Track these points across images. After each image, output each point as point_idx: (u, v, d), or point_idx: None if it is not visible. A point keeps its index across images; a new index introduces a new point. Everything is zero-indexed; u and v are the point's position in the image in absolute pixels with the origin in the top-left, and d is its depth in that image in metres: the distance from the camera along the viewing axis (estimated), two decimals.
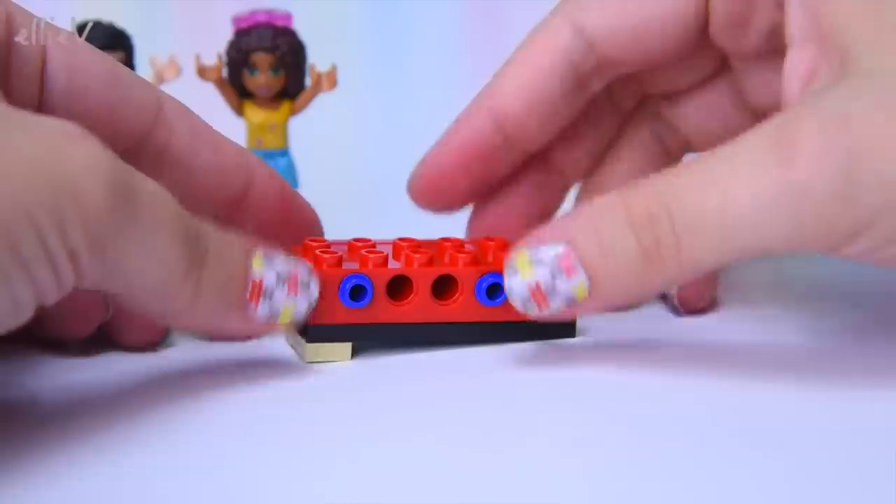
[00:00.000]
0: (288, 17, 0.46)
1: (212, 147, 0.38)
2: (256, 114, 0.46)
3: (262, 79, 0.45)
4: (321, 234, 0.40)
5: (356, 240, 0.38)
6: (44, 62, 0.35)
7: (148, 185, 0.31)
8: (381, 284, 0.36)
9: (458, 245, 0.38)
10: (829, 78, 0.33)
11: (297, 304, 0.34)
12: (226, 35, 0.46)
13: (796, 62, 0.35)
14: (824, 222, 0.31)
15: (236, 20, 0.46)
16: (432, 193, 0.41)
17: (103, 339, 0.37)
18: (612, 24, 0.38)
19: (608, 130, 0.42)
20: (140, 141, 0.36)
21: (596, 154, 0.42)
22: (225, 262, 0.33)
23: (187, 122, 0.37)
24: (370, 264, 0.37)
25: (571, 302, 0.34)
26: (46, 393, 0.35)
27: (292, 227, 0.39)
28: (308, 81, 0.46)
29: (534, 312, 0.34)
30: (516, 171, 0.42)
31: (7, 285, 0.28)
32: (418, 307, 0.37)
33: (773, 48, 0.37)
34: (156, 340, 0.37)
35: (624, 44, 0.38)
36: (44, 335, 0.37)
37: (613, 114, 0.42)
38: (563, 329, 0.39)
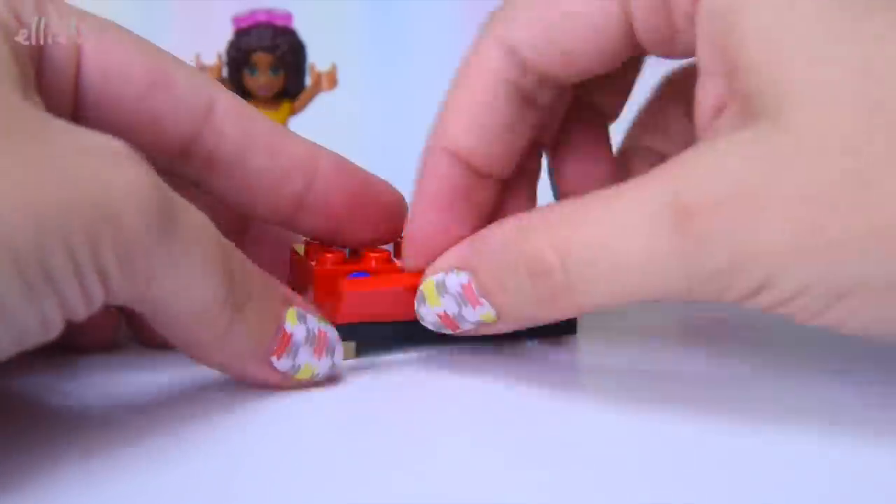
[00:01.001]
0: (288, 16, 0.46)
1: (267, 150, 0.36)
2: None
3: (262, 79, 0.45)
4: (403, 221, 0.38)
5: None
6: (78, 66, 0.34)
7: (191, 215, 0.31)
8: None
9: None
10: (733, 114, 0.32)
11: (319, 365, 0.34)
12: (226, 35, 0.46)
13: (705, 92, 0.34)
14: (715, 287, 0.31)
15: (236, 20, 0.46)
16: (430, 253, 0.37)
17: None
18: (536, 39, 0.36)
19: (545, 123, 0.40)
20: (186, 145, 0.35)
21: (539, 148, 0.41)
22: (264, 309, 0.33)
23: (240, 124, 0.36)
24: (373, 262, 0.37)
25: (480, 325, 0.35)
26: (46, 396, 0.35)
27: (370, 219, 0.38)
28: (308, 81, 0.46)
29: (448, 332, 0.36)
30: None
31: (37, 303, 0.28)
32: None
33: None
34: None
35: (553, 58, 0.36)
36: (65, 345, 0.37)
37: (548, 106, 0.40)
38: (564, 326, 0.39)
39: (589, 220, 0.32)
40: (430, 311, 0.35)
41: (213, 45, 0.46)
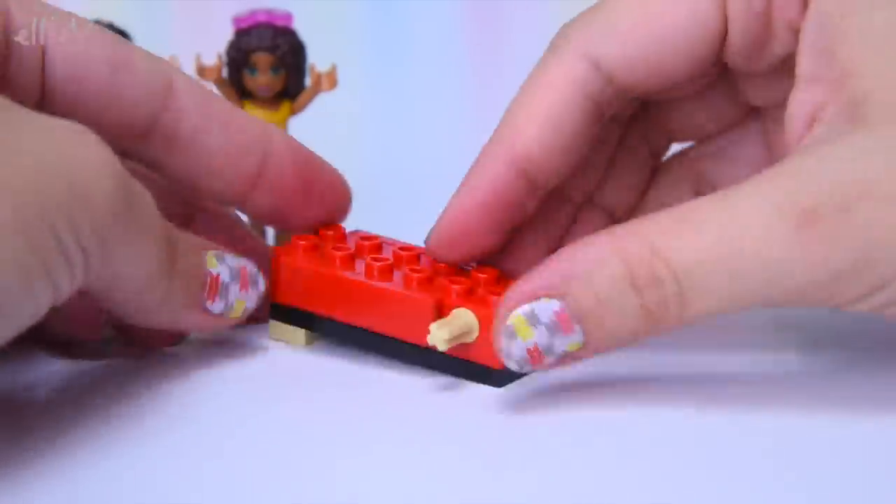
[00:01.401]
0: (288, 17, 0.46)
1: (224, 127, 0.37)
2: (256, 114, 0.46)
3: (262, 79, 0.45)
4: (348, 206, 0.40)
5: (359, 237, 0.38)
6: (44, 51, 0.35)
7: (141, 190, 0.32)
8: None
9: (451, 272, 0.37)
10: (837, 120, 0.33)
11: (248, 299, 0.36)
12: (226, 35, 0.46)
13: (802, 102, 0.34)
14: (834, 290, 0.32)
15: (236, 20, 0.46)
16: (456, 249, 0.38)
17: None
18: (629, 53, 0.36)
19: (611, 145, 0.41)
20: (148, 125, 0.36)
21: (601, 170, 0.41)
22: (190, 262, 0.34)
23: (198, 103, 0.37)
24: (313, 260, 0.37)
25: (564, 357, 0.33)
26: (40, 393, 0.35)
27: (317, 200, 0.39)
28: (308, 81, 0.46)
29: (527, 370, 0.34)
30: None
31: (29, 284, 0.28)
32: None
33: (780, 65, 0.37)
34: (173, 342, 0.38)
35: (643, 71, 0.37)
36: (52, 337, 0.37)
37: (613, 127, 0.41)
38: (488, 375, 0.36)
39: (700, 228, 0.32)
40: (521, 346, 0.33)
41: (213, 45, 0.46)
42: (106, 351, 0.37)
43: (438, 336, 0.35)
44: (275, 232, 0.45)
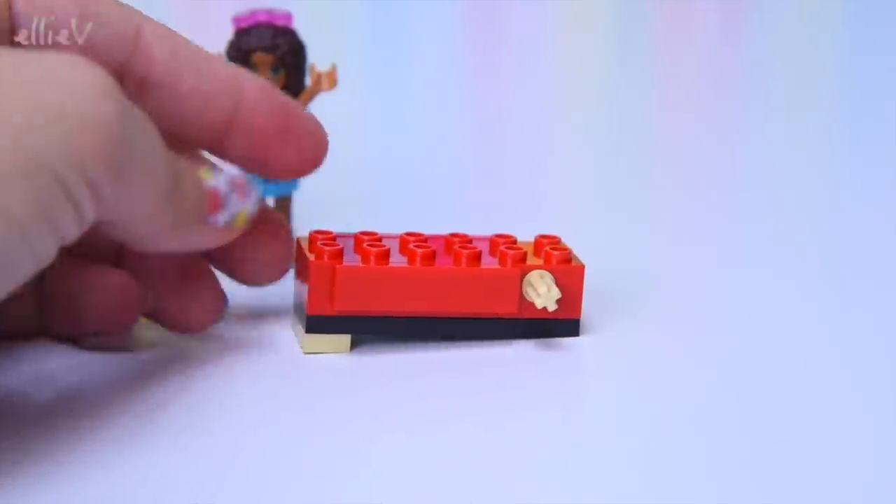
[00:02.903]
0: (288, 16, 0.46)
1: (195, 71, 0.36)
2: None
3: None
4: (325, 149, 0.38)
5: (362, 233, 0.38)
6: (10, 7, 0.34)
7: (140, 110, 0.31)
8: None
9: (465, 241, 0.38)
10: None
11: (249, 206, 0.35)
12: (226, 35, 0.46)
13: None
14: None
15: (236, 20, 0.46)
16: None
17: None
18: None
19: None
20: (119, 72, 0.35)
21: None
22: (189, 179, 0.34)
23: (167, 46, 0.36)
24: (372, 260, 0.37)
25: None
26: (43, 389, 0.35)
27: (294, 143, 0.38)
28: (308, 81, 0.46)
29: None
30: None
31: (27, 239, 0.28)
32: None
33: None
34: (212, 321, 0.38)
35: None
36: (63, 330, 0.37)
37: None
38: (566, 328, 0.39)
39: None
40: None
41: (213, 45, 0.46)
42: (128, 344, 0.37)
43: (551, 297, 0.36)
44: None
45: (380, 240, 0.38)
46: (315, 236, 0.38)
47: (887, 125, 0.69)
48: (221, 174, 0.35)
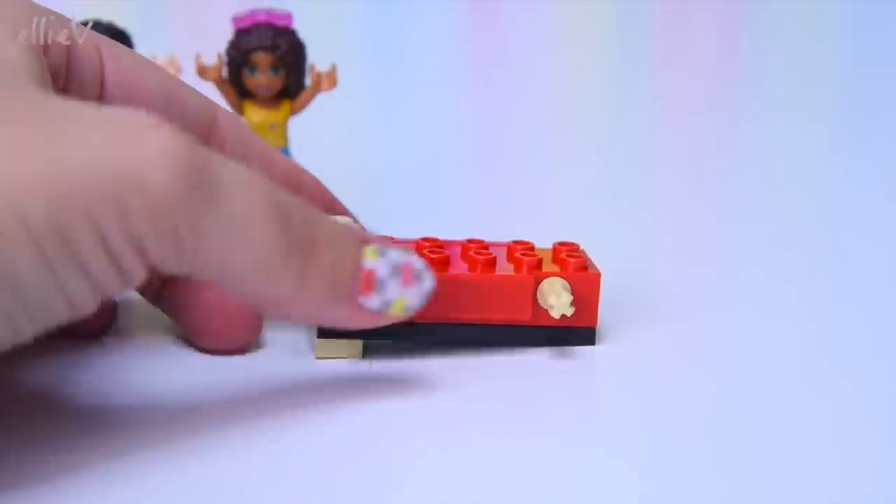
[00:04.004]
0: (288, 16, 0.46)
1: (262, 161, 0.38)
2: (256, 113, 0.46)
3: (261, 78, 0.45)
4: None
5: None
6: (102, 82, 0.35)
7: (231, 168, 0.30)
8: None
9: (481, 247, 0.38)
10: None
11: (410, 296, 0.34)
12: (226, 35, 0.46)
13: None
14: None
15: (236, 20, 0.46)
16: None
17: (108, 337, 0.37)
18: None
19: None
20: None
21: None
22: (336, 250, 0.33)
23: (238, 137, 0.38)
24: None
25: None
26: (54, 395, 0.35)
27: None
28: (308, 81, 0.46)
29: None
30: None
31: (59, 278, 0.28)
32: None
33: None
34: (242, 347, 0.37)
35: None
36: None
37: None
38: (582, 336, 0.38)
39: None
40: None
41: (213, 45, 0.46)
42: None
43: (564, 303, 0.36)
44: None
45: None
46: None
47: (889, 124, 0.69)
48: (387, 257, 0.34)
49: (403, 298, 0.34)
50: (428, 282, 0.34)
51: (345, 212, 0.40)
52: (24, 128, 0.28)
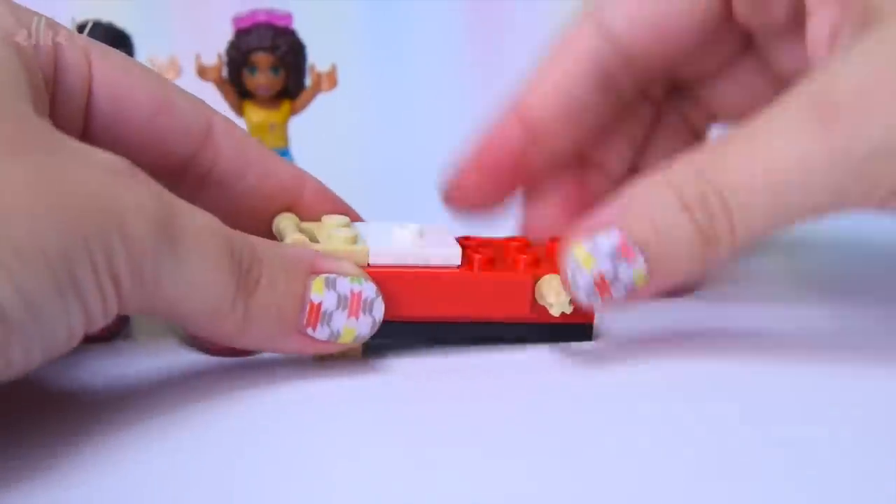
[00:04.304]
0: (288, 17, 0.46)
1: (259, 170, 0.38)
2: (256, 114, 0.46)
3: (262, 78, 0.45)
4: None
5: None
6: (90, 92, 0.35)
7: (195, 220, 0.32)
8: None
9: (477, 244, 0.39)
10: (853, 34, 0.34)
11: (359, 326, 0.35)
12: (226, 35, 0.46)
13: (819, 24, 0.36)
14: (868, 179, 0.32)
15: (236, 20, 0.46)
16: (467, 194, 0.42)
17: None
18: (633, 18, 0.38)
19: (642, 121, 0.43)
20: (185, 164, 0.37)
21: (634, 146, 0.43)
22: (280, 290, 0.33)
23: (235, 145, 0.38)
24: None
25: (631, 288, 0.34)
26: (50, 384, 0.35)
27: None
28: (308, 81, 0.46)
29: (597, 303, 0.35)
30: (558, 171, 0.42)
31: (67, 308, 0.29)
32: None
33: (795, 19, 0.38)
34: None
35: (649, 37, 0.39)
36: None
37: (645, 104, 0.43)
38: (579, 332, 0.38)
39: (735, 143, 0.33)
40: (587, 276, 0.34)
41: (213, 45, 0.46)
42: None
43: (564, 301, 0.36)
44: None
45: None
46: None
47: None
48: (335, 290, 0.34)
49: (353, 329, 0.34)
50: (377, 310, 0.35)
51: (348, 212, 0.40)
52: (32, 160, 0.29)
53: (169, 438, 0.32)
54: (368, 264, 0.36)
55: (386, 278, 0.36)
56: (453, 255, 0.37)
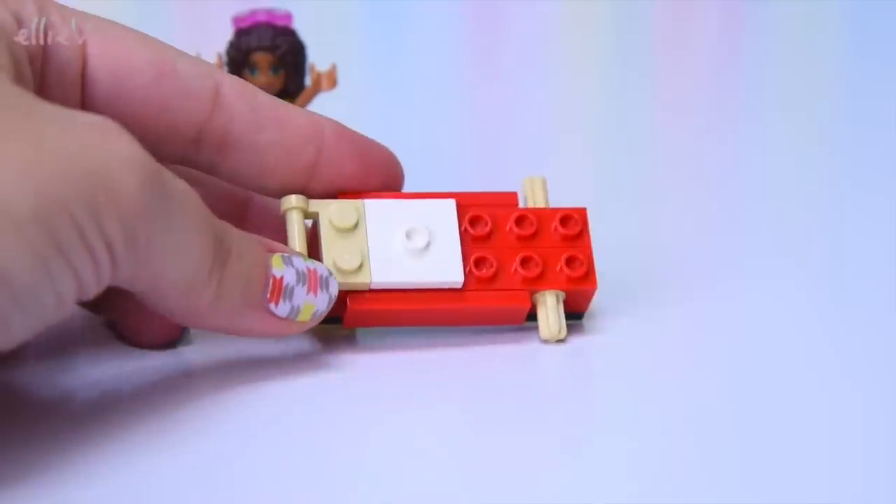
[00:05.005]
0: (288, 16, 0.46)
1: (275, 123, 0.37)
2: None
3: (262, 78, 0.45)
4: (402, 175, 0.40)
5: None
6: (84, 66, 0.34)
7: (178, 184, 0.31)
8: None
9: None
10: None
11: (317, 302, 0.35)
12: (226, 35, 0.46)
13: None
14: None
15: (236, 20, 0.46)
16: None
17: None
18: None
19: None
20: (198, 131, 0.36)
21: None
22: (246, 261, 0.33)
23: (246, 102, 0.36)
24: None
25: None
26: (42, 389, 0.35)
27: (374, 178, 0.39)
28: (308, 81, 0.46)
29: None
30: None
31: (50, 277, 0.28)
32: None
33: None
34: (173, 339, 0.37)
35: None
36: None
37: None
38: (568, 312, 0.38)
39: None
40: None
41: (213, 45, 0.46)
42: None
43: (554, 333, 0.37)
44: None
45: None
46: None
47: (889, 123, 0.69)
48: (292, 266, 0.34)
49: (312, 305, 0.34)
50: (333, 288, 0.35)
51: (370, 148, 0.39)
52: (4, 126, 0.28)
53: (169, 438, 0.32)
54: (370, 289, 0.36)
55: (387, 298, 0.36)
56: (455, 277, 0.37)
